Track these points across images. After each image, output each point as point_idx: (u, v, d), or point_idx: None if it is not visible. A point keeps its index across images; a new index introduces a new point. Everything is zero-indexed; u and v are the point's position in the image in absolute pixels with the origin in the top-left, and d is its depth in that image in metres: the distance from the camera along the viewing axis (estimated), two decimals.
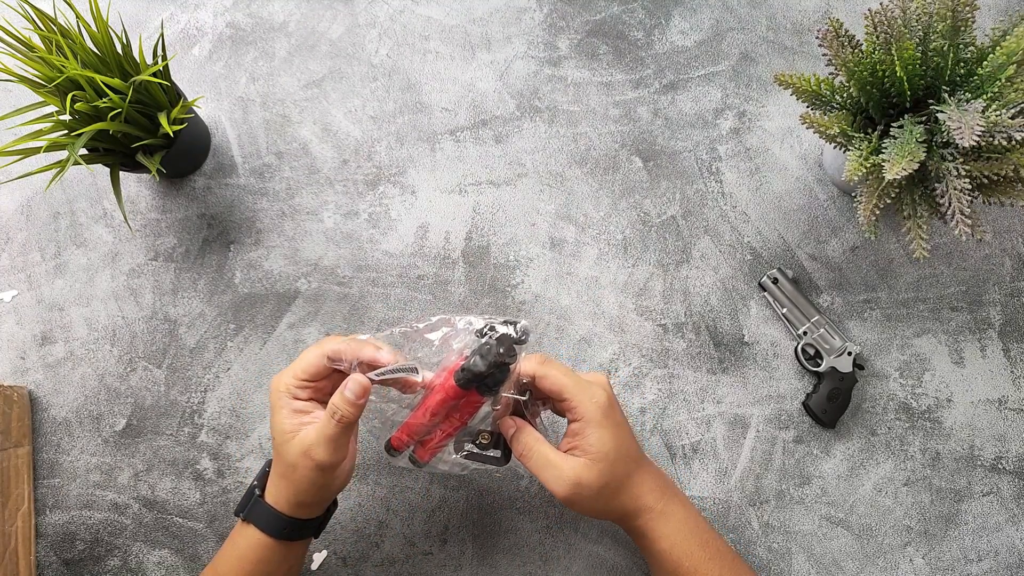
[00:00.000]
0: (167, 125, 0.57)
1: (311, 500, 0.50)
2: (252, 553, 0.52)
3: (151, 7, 0.75)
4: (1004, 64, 0.51)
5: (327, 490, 0.51)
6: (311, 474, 0.49)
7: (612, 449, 0.49)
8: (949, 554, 0.63)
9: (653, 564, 0.54)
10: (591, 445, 0.49)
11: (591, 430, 0.50)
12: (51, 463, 0.66)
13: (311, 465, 0.48)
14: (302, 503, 0.50)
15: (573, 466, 0.49)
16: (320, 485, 0.50)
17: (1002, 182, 0.52)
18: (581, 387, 0.51)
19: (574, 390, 0.50)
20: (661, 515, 0.52)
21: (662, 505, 0.52)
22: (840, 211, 0.69)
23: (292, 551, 0.53)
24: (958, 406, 0.66)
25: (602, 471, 0.49)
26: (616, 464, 0.50)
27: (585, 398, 0.50)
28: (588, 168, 0.71)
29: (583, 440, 0.50)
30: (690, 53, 0.73)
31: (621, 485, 0.51)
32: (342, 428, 0.48)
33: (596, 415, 0.50)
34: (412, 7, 0.75)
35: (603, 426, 0.50)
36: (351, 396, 0.48)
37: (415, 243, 0.69)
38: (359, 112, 0.72)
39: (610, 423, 0.50)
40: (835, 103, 0.57)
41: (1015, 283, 0.68)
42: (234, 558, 0.53)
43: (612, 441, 0.50)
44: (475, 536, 0.64)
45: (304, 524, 0.52)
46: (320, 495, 0.50)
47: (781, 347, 0.67)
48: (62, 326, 0.68)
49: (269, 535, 0.51)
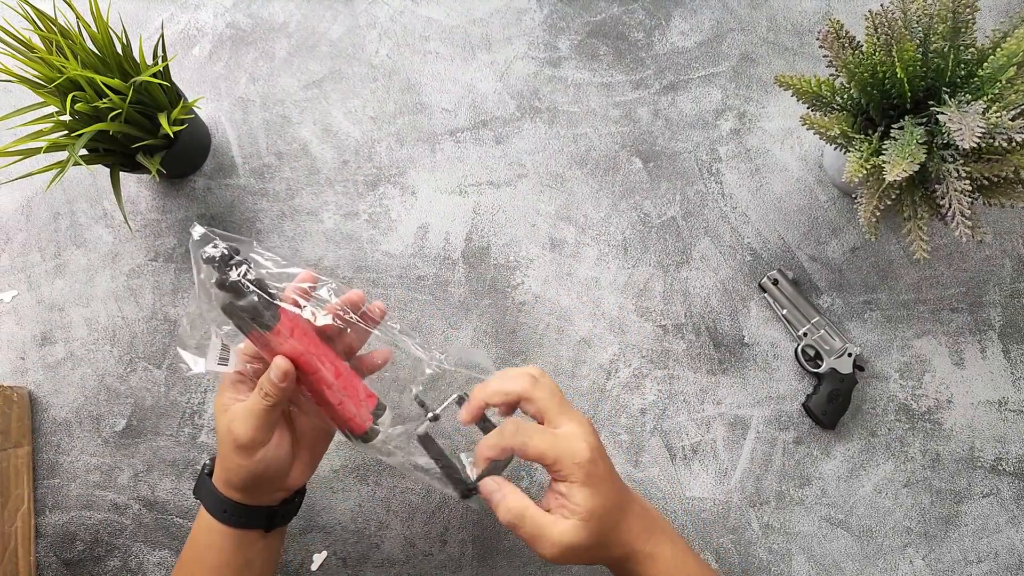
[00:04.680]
0: (167, 126, 0.57)
1: (237, 480, 0.48)
2: (203, 537, 0.50)
3: (151, 7, 0.75)
4: (1005, 66, 0.51)
5: (248, 471, 0.48)
6: (232, 452, 0.47)
7: (599, 506, 0.49)
8: (949, 555, 0.63)
9: None
10: (578, 505, 0.49)
11: (576, 490, 0.49)
12: (51, 463, 0.66)
13: (230, 441, 0.47)
14: (234, 484, 0.49)
15: (563, 530, 0.49)
16: (241, 466, 0.48)
17: (1002, 183, 0.52)
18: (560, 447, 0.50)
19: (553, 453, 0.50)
20: (648, 558, 0.51)
21: (649, 548, 0.51)
22: (840, 212, 0.69)
23: (245, 544, 0.50)
24: (958, 407, 0.66)
25: (591, 530, 0.49)
26: (604, 519, 0.49)
27: (567, 458, 0.49)
28: (588, 169, 0.71)
29: (569, 500, 0.49)
30: (690, 54, 0.73)
31: (609, 539, 0.50)
32: (265, 407, 0.47)
33: (579, 475, 0.49)
34: (412, 8, 0.75)
35: (587, 484, 0.49)
36: (274, 377, 0.47)
37: (415, 244, 0.69)
38: (359, 113, 0.72)
39: (595, 479, 0.49)
40: (835, 104, 0.57)
41: (1015, 284, 0.68)
42: (191, 542, 0.52)
43: (598, 498, 0.49)
44: (475, 537, 0.64)
45: (247, 511, 0.50)
46: (244, 476, 0.48)
47: (781, 348, 0.67)
48: (62, 326, 0.68)
49: (214, 517, 0.50)
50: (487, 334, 0.67)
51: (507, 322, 0.68)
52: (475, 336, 0.67)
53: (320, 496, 0.65)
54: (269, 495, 0.51)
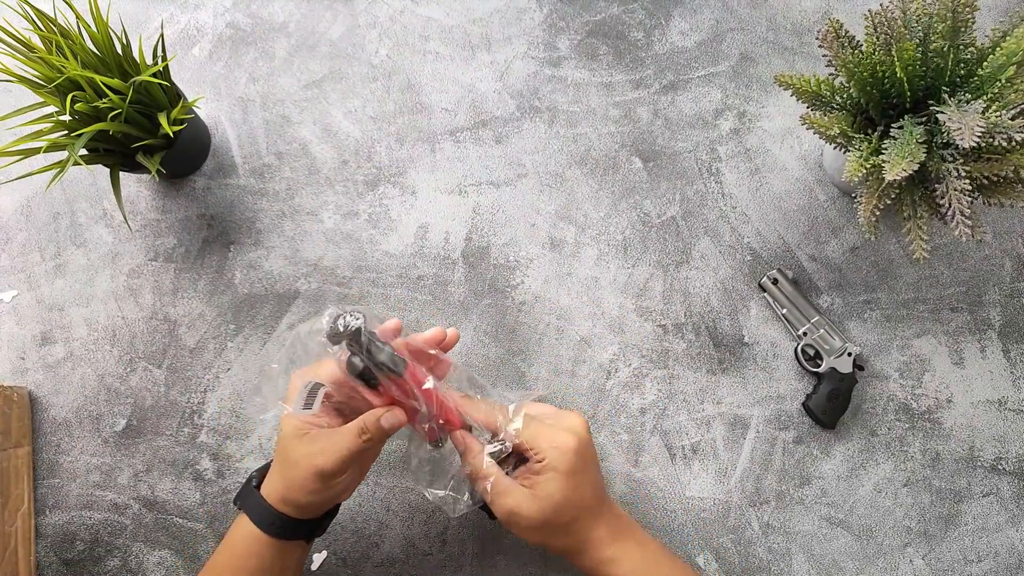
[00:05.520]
0: (167, 125, 0.57)
1: (304, 501, 0.50)
2: (243, 546, 0.51)
3: (151, 7, 0.75)
4: (1004, 65, 0.51)
5: (322, 496, 0.50)
6: (310, 477, 0.48)
7: (559, 493, 0.50)
8: (949, 555, 0.63)
9: None
10: (539, 485, 0.50)
11: (546, 474, 0.50)
12: (51, 463, 0.66)
13: (313, 469, 0.48)
14: (294, 503, 0.50)
15: (517, 496, 0.50)
16: (316, 491, 0.49)
17: (1002, 183, 0.52)
18: (546, 436, 0.51)
19: (535, 441, 0.51)
20: (612, 561, 0.51)
21: (612, 551, 0.52)
22: (840, 212, 0.69)
23: (285, 553, 0.52)
24: (958, 407, 0.66)
25: (542, 510, 0.50)
26: (562, 509, 0.50)
27: (547, 445, 0.51)
28: (588, 168, 0.71)
29: (536, 478, 0.51)
30: (690, 54, 0.73)
31: (561, 528, 0.51)
32: (360, 447, 0.48)
33: (555, 463, 0.50)
34: (412, 7, 0.75)
35: (560, 473, 0.50)
36: (386, 425, 0.49)
37: (415, 243, 0.69)
38: (359, 112, 0.72)
39: (568, 474, 0.50)
40: (835, 104, 0.57)
41: (1015, 284, 0.68)
42: (227, 548, 0.52)
43: (563, 490, 0.50)
44: (475, 536, 0.64)
45: (295, 524, 0.51)
46: (314, 499, 0.50)
47: (781, 348, 0.67)
48: (62, 326, 0.68)
49: (259, 528, 0.50)
50: (487, 334, 0.67)
51: (507, 322, 0.68)
52: (475, 336, 0.67)
53: None
54: (317, 511, 0.52)
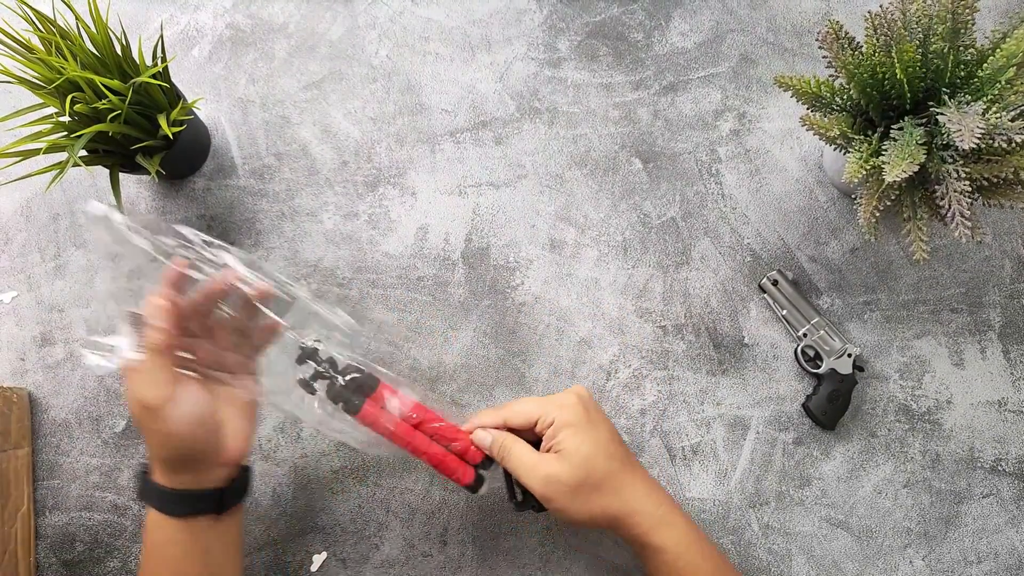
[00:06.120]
0: (167, 127, 0.57)
1: (173, 454, 0.46)
2: (156, 534, 0.48)
3: (151, 8, 0.75)
4: (1004, 66, 0.51)
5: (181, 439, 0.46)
6: (149, 421, 0.46)
7: (586, 444, 0.49)
8: (949, 556, 0.63)
9: None
10: (560, 444, 0.49)
11: (563, 432, 0.49)
12: (51, 464, 0.66)
13: (140, 410, 0.46)
14: (170, 462, 0.47)
15: (547, 461, 0.49)
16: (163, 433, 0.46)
17: (1002, 184, 0.52)
18: (549, 401, 0.51)
19: (540, 406, 0.51)
20: (662, 523, 0.50)
21: (662, 512, 0.50)
22: (840, 213, 0.69)
23: (198, 531, 0.48)
24: (958, 408, 0.66)
25: (575, 466, 0.48)
26: (593, 461, 0.48)
27: (553, 408, 0.50)
28: (588, 170, 0.71)
29: (555, 442, 0.50)
30: (690, 55, 0.73)
31: (602, 483, 0.49)
32: (152, 356, 0.46)
33: (567, 416, 0.49)
34: (412, 8, 0.75)
35: (574, 426, 0.49)
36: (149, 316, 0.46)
37: (415, 245, 0.69)
38: (359, 113, 0.72)
39: (584, 424, 0.49)
40: (835, 105, 0.57)
41: (1015, 285, 0.68)
42: (144, 542, 0.50)
43: (587, 441, 0.49)
44: (475, 538, 0.64)
45: (193, 497, 0.48)
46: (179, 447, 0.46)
47: (781, 349, 0.67)
48: (62, 327, 0.68)
49: (162, 512, 0.48)
50: (487, 335, 0.67)
51: (507, 323, 0.68)
52: (475, 337, 0.67)
53: (320, 497, 0.65)
54: (208, 472, 0.49)
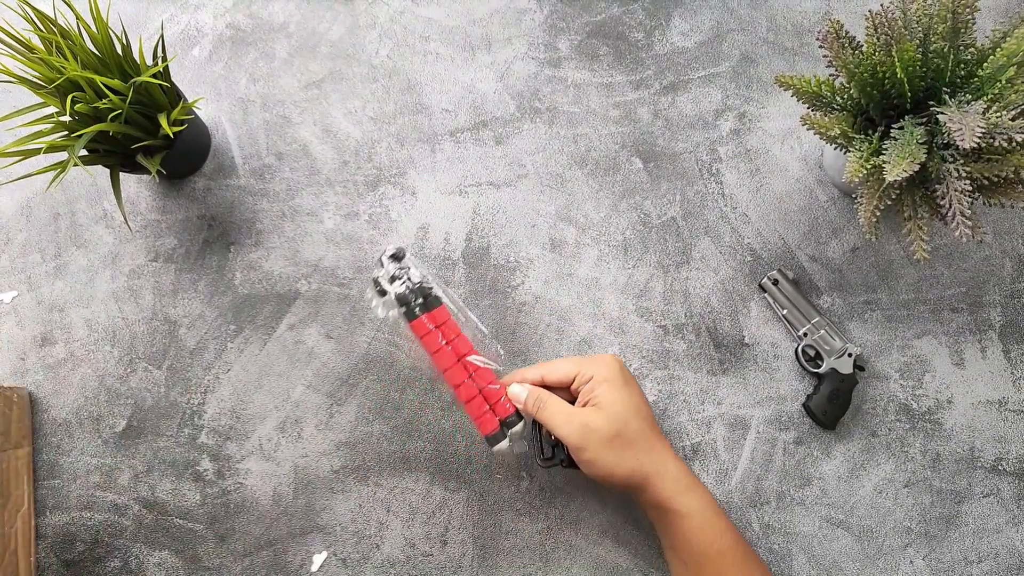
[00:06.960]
0: (167, 126, 0.57)
1: None
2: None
3: (151, 8, 0.75)
4: (1004, 66, 0.51)
5: None
6: None
7: (622, 400, 0.50)
8: (949, 555, 0.63)
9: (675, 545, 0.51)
10: (599, 397, 0.51)
11: (601, 387, 0.51)
12: (51, 464, 0.66)
13: None
14: None
15: (585, 412, 0.51)
16: None
17: (1002, 183, 0.52)
18: (587, 359, 0.53)
19: (577, 364, 0.53)
20: (688, 489, 0.50)
21: (688, 480, 0.51)
22: (840, 212, 0.69)
23: None
24: (958, 407, 0.66)
25: (611, 417, 0.50)
26: (628, 416, 0.50)
27: (592, 365, 0.52)
28: (588, 169, 0.71)
29: (593, 396, 0.51)
30: (690, 54, 0.73)
31: (635, 441, 0.50)
32: None
33: (605, 373, 0.51)
34: (412, 8, 0.75)
35: (612, 382, 0.51)
36: None
37: (415, 244, 0.69)
38: (359, 113, 0.72)
39: (621, 382, 0.51)
40: (835, 104, 0.57)
41: (1015, 284, 0.68)
42: None
43: (624, 398, 0.50)
44: (475, 537, 0.64)
45: None
46: None
47: (781, 348, 0.67)
48: (62, 327, 0.68)
49: None
50: (487, 335, 0.67)
51: (507, 322, 0.68)
52: (475, 336, 0.67)
53: (320, 497, 0.65)
54: None
